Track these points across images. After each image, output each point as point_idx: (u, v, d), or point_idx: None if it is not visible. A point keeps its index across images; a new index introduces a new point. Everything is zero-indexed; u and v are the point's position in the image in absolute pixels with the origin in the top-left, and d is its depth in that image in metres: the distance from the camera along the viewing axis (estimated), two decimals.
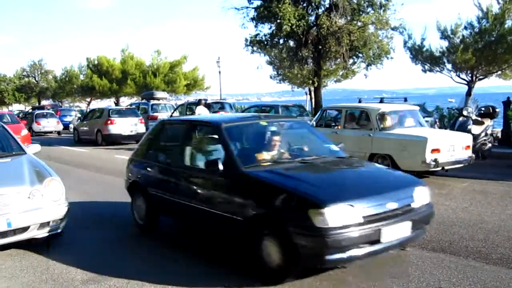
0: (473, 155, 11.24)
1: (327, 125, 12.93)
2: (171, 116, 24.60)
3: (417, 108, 12.85)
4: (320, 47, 21.89)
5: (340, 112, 12.81)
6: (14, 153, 7.46)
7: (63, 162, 15.49)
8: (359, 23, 21.45)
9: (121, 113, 23.49)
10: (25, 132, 18.42)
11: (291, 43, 23.57)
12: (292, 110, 19.91)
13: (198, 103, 20.73)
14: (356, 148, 10.77)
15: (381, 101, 15.77)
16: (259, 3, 22.25)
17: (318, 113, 13.89)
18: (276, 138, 6.16)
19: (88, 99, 56.70)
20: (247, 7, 22.66)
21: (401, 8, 21.38)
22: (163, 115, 25.86)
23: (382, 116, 11.17)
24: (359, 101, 16.62)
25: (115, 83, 47.28)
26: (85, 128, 24.27)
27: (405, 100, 16.00)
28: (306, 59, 24.30)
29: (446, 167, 10.55)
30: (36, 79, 64.98)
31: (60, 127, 32.99)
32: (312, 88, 25.98)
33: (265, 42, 22.94)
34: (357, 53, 22.39)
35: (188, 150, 6.54)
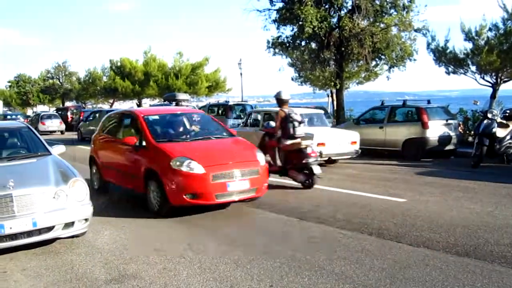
0: (359, 149, 13.78)
1: (253, 125, 15.28)
2: None
3: (322, 111, 17.01)
4: (342, 49, 21.76)
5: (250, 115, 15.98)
6: (39, 153, 7.56)
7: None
8: (381, 25, 21.26)
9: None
10: None
11: (313, 45, 23.47)
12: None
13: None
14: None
15: (404, 103, 15.74)
16: (281, 5, 22.19)
17: (246, 116, 16.67)
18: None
19: (111, 101, 57.24)
20: (269, 9, 22.62)
21: (424, 9, 21.15)
22: None
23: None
24: (382, 103, 16.59)
25: (137, 85, 47.65)
26: (88, 128, 27.31)
27: (428, 102, 15.92)
28: (328, 61, 24.17)
29: (332, 158, 13.39)
30: (60, 80, 65.84)
31: (62, 127, 37.04)
32: (334, 90, 25.86)
33: (287, 44, 22.85)
34: (380, 55, 22.19)
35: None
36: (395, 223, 7.15)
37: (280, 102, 10.98)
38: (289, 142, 10.51)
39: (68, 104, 62.01)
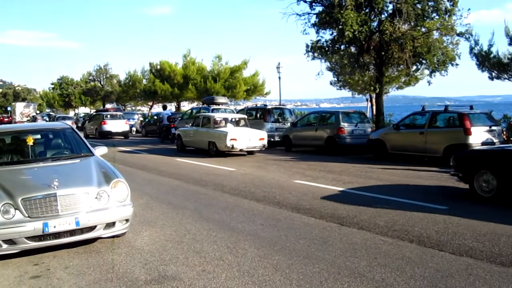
0: (266, 144, 18.83)
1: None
2: None
3: (245, 116, 21.29)
4: (382, 53, 21.52)
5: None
6: (82, 154, 7.72)
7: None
8: (423, 29, 20.92)
9: (113, 117, 34.02)
10: None
11: (353, 49, 23.31)
12: (353, 116, 19.68)
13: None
14: (205, 138, 19.27)
15: (446, 108, 15.46)
16: (321, 9, 22.09)
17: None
18: None
19: (150, 103, 58.04)
20: (308, 13, 22.55)
21: (467, 13, 20.73)
22: None
23: (215, 119, 19.38)
24: (423, 109, 16.36)
25: (176, 88, 48.17)
26: (91, 127, 34.88)
27: (471, 108, 15.60)
28: (368, 66, 23.97)
29: (244, 150, 18.54)
30: (101, 83, 67.13)
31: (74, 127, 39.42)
32: (373, 95, 25.60)
33: (326, 48, 22.73)
34: (421, 59, 21.82)
35: None
36: (437, 231, 7.00)
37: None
38: None
39: (108, 106, 63.16)
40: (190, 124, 21.33)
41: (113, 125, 32.83)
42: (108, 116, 34.02)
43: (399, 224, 7.43)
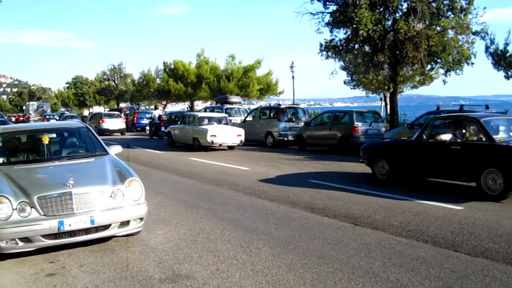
0: (243, 140, 20.96)
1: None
2: (244, 120, 25.00)
3: (226, 115, 24.12)
4: (397, 52, 21.43)
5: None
6: (97, 153, 7.77)
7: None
8: (438, 28, 20.80)
9: (110, 116, 37.62)
10: None
11: (367, 48, 23.23)
12: (367, 116, 19.60)
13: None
14: (190, 134, 21.86)
15: (461, 108, 15.33)
16: (335, 8, 22.07)
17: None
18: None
19: (164, 102, 58.22)
20: (322, 12, 22.53)
21: (483, 12, 20.57)
22: (236, 119, 26.42)
23: (199, 119, 21.88)
24: (438, 108, 16.24)
25: (190, 87, 48.33)
26: (91, 125, 35.18)
27: (487, 107, 15.44)
28: (382, 65, 23.88)
29: (223, 145, 20.87)
30: (116, 82, 67.53)
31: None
32: (387, 94, 25.49)
33: (340, 47, 22.69)
34: (436, 58, 21.68)
35: None
36: (452, 231, 6.95)
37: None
38: None
39: (122, 105, 63.54)
40: (179, 122, 24.12)
41: (111, 123, 35.85)
42: (106, 115, 38.28)
43: (413, 224, 7.39)
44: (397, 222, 7.58)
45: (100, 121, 35.69)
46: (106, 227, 6.20)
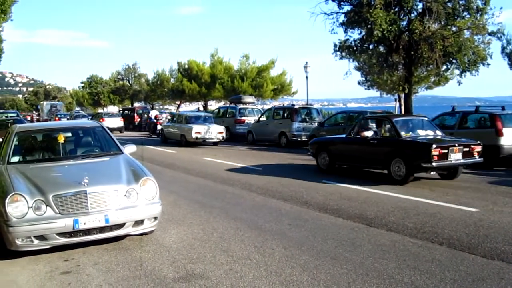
0: (224, 136, 23.89)
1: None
2: (258, 120, 25.01)
3: (211, 115, 27.16)
4: (411, 52, 21.27)
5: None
6: (112, 152, 7.80)
7: None
8: (453, 28, 20.62)
9: (110, 115, 41.79)
10: None
11: (381, 48, 23.10)
12: None
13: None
14: (178, 132, 24.69)
15: (477, 109, 15.21)
16: (349, 8, 21.97)
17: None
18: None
19: (178, 102, 58.40)
20: (337, 12, 22.44)
21: (499, 12, 20.36)
22: (250, 119, 26.43)
23: (186, 118, 24.47)
24: (453, 109, 16.11)
25: (204, 87, 48.43)
26: None
27: (503, 108, 15.31)
28: (397, 65, 23.70)
29: (207, 141, 23.46)
30: (130, 82, 67.79)
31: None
32: (402, 95, 25.33)
33: (355, 48, 22.58)
34: (451, 59, 21.50)
35: None
36: (467, 234, 6.89)
37: None
38: None
39: (136, 105, 63.79)
40: (172, 122, 27.04)
41: (110, 122, 37.65)
42: (106, 114, 42.51)
43: (428, 226, 7.33)
44: (412, 223, 7.53)
45: (101, 120, 36.81)
46: (121, 226, 6.23)
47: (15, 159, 7.40)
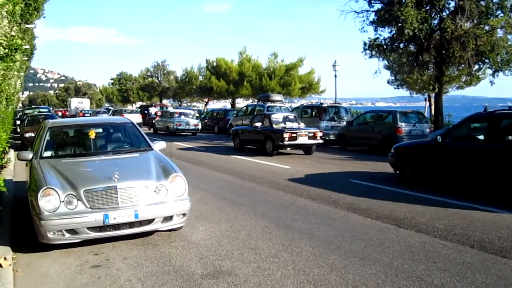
0: (199, 126, 32.03)
1: None
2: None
3: (193, 112, 38.73)
4: (443, 52, 20.97)
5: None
6: (142, 148, 7.88)
7: None
8: (486, 27, 20.27)
9: (129, 112, 45.45)
10: None
11: (412, 47, 22.87)
12: (411, 116, 19.24)
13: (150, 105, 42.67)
14: (165, 125, 33.16)
15: (510, 109, 14.87)
16: (380, 6, 21.80)
17: None
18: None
19: (206, 100, 58.69)
20: (367, 11, 22.31)
21: None
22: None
23: (171, 113, 33.87)
24: (485, 110, 15.74)
25: (232, 85, 48.59)
26: None
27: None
28: (427, 64, 23.43)
29: (187, 131, 31.57)
30: (159, 79, 68.44)
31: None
32: (432, 94, 25.01)
33: (385, 46, 22.38)
34: (483, 58, 21.14)
35: None
36: (499, 237, 6.75)
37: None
38: None
39: (165, 101, 64.33)
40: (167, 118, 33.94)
41: (129, 118, 40.45)
42: (126, 111, 46.11)
43: (459, 228, 7.21)
44: (442, 225, 7.41)
45: (120, 116, 38.91)
46: (150, 221, 6.29)
47: (48, 153, 7.53)
